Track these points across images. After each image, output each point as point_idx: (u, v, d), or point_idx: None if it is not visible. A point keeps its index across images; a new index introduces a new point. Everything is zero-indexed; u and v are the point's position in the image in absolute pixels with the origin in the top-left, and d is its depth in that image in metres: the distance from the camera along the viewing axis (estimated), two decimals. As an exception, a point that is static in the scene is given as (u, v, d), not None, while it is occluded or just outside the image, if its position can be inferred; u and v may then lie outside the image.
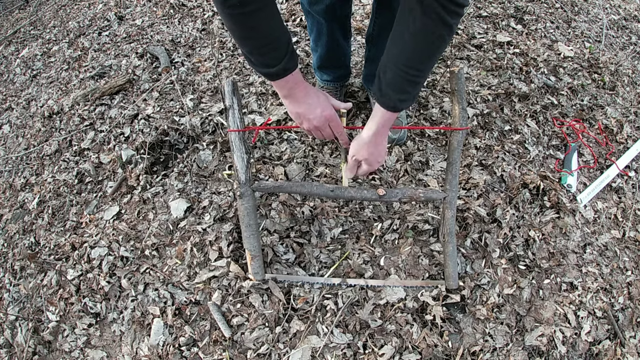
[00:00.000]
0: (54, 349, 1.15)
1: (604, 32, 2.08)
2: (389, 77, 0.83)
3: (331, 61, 1.36)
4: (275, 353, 1.05)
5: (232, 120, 1.02)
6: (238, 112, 1.02)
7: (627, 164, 1.51)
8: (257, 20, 0.75)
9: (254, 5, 0.73)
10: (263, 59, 0.82)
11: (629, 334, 1.15)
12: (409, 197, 1.07)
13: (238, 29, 0.77)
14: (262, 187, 1.05)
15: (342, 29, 1.23)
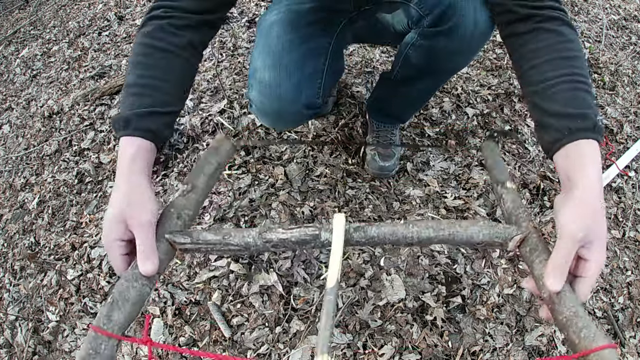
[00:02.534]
0: (54, 349, 1.15)
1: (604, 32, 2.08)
2: (567, 94, 0.61)
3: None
4: (275, 353, 1.05)
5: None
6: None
7: (627, 164, 1.51)
8: (159, 61, 0.67)
9: (164, 44, 0.67)
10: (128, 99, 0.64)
11: (629, 334, 1.15)
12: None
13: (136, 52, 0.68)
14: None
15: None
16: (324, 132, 1.46)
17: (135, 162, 0.60)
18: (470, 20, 0.85)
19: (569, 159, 0.58)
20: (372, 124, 1.37)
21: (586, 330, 0.49)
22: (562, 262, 0.51)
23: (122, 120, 0.61)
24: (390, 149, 1.31)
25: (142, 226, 0.56)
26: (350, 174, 1.36)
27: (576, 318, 0.50)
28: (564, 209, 0.55)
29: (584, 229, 0.52)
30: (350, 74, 1.69)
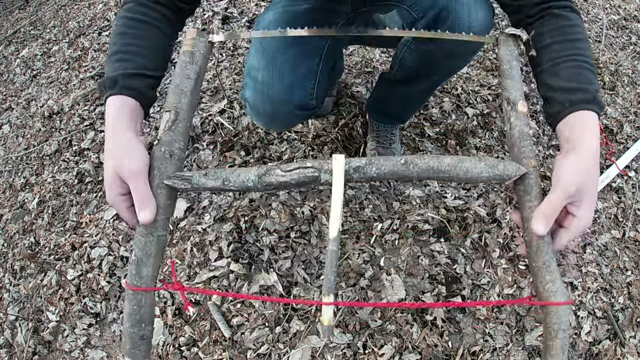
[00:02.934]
0: (54, 349, 1.15)
1: (604, 32, 2.08)
2: (570, 71, 0.65)
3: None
4: (275, 353, 1.05)
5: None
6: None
7: (627, 164, 1.51)
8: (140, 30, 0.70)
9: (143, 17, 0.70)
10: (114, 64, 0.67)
11: (629, 334, 1.15)
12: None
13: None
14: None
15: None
16: (324, 132, 1.46)
17: (119, 118, 0.62)
18: (464, 23, 0.84)
19: (569, 127, 0.62)
20: (372, 124, 1.37)
21: (551, 284, 0.55)
22: (551, 212, 0.55)
23: (109, 81, 0.64)
24: (390, 149, 1.31)
25: (133, 175, 0.58)
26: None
27: (545, 270, 0.55)
28: (561, 165, 0.58)
29: (577, 184, 0.55)
30: (350, 74, 1.69)
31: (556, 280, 0.55)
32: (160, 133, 0.63)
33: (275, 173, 0.59)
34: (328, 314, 0.55)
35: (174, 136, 0.63)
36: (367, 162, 0.59)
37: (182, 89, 0.66)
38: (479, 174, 0.59)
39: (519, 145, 0.63)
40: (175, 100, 0.65)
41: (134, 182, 0.58)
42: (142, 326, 0.58)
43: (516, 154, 0.63)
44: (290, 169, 0.59)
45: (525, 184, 0.60)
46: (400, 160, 0.59)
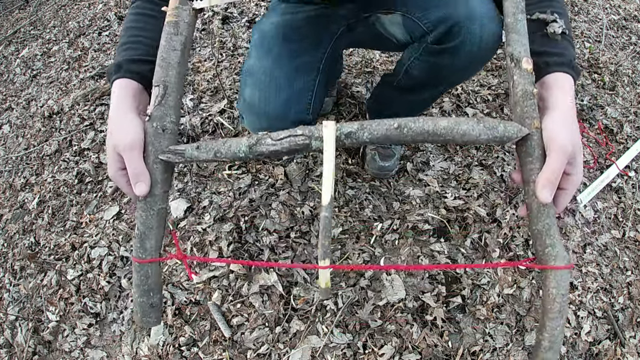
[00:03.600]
0: (54, 349, 1.15)
1: (604, 32, 2.08)
2: (547, 37, 0.66)
3: None
4: (275, 353, 1.05)
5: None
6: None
7: (627, 164, 1.51)
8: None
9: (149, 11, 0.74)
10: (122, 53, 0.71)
11: (629, 334, 1.15)
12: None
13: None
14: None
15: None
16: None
17: (121, 98, 0.65)
18: (476, 37, 0.83)
19: (545, 87, 0.63)
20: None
21: (551, 248, 0.55)
22: (554, 177, 0.56)
23: (114, 66, 0.68)
24: (390, 149, 1.31)
25: (126, 148, 0.60)
26: (350, 174, 1.36)
27: (546, 234, 0.55)
28: (551, 124, 0.58)
29: (573, 143, 0.57)
30: (350, 74, 1.69)
31: (556, 244, 0.55)
32: (151, 109, 0.63)
33: (266, 142, 0.58)
34: (325, 277, 0.56)
35: (165, 110, 0.63)
36: (359, 127, 0.57)
37: (169, 61, 0.64)
38: (478, 136, 0.57)
39: (522, 105, 0.60)
40: (162, 74, 0.64)
41: (128, 156, 0.60)
42: (150, 295, 0.62)
43: (519, 114, 0.60)
44: (280, 137, 0.58)
45: (528, 145, 0.59)
46: (394, 124, 0.57)
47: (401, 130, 0.57)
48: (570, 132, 0.58)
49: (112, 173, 0.63)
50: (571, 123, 0.59)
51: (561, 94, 0.61)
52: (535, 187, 0.57)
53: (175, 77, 0.64)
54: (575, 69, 0.64)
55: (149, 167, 0.61)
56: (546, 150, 0.58)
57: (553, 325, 0.55)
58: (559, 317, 0.55)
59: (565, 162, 0.56)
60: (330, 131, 0.56)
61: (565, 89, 0.62)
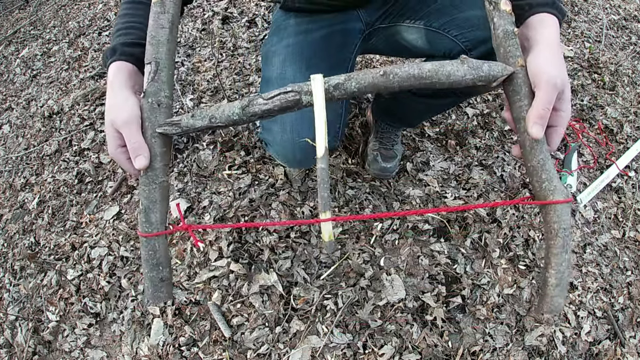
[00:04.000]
0: (54, 349, 1.15)
1: (604, 32, 2.08)
2: None
3: None
4: (275, 353, 1.05)
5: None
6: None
7: (627, 164, 1.51)
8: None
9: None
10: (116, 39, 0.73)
11: (629, 334, 1.15)
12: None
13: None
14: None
15: None
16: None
17: (117, 78, 0.67)
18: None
19: (530, 27, 0.63)
20: (377, 124, 1.34)
21: (547, 183, 0.55)
22: (544, 111, 0.55)
23: (110, 50, 0.70)
24: (392, 150, 1.31)
25: (125, 124, 0.61)
26: (350, 174, 1.36)
27: (541, 169, 0.56)
28: (536, 62, 0.58)
29: (561, 76, 0.56)
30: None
31: (553, 179, 0.55)
32: (145, 85, 0.64)
33: (258, 102, 0.59)
34: (328, 229, 0.57)
35: (159, 85, 0.64)
36: (346, 78, 0.58)
37: (159, 39, 0.66)
38: (463, 76, 0.57)
39: (504, 45, 0.61)
40: (153, 51, 0.65)
41: (126, 131, 0.61)
42: (160, 269, 0.63)
43: (502, 55, 0.61)
44: (271, 96, 0.59)
45: (514, 83, 0.59)
46: (379, 72, 0.57)
47: (387, 77, 0.57)
48: (557, 65, 0.57)
49: (111, 150, 0.64)
50: (558, 57, 0.58)
51: (546, 31, 0.60)
52: (527, 124, 0.57)
53: (165, 54, 0.66)
54: (560, 9, 0.63)
55: (147, 142, 0.62)
56: (533, 86, 0.58)
57: (558, 260, 0.55)
58: (564, 252, 0.54)
59: (555, 95, 0.56)
60: (319, 84, 0.57)
61: (550, 27, 0.61)
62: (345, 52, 1.00)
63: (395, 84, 0.57)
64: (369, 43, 1.06)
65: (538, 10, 0.63)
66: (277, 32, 1.01)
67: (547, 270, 0.56)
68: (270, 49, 0.99)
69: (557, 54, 0.59)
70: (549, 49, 0.59)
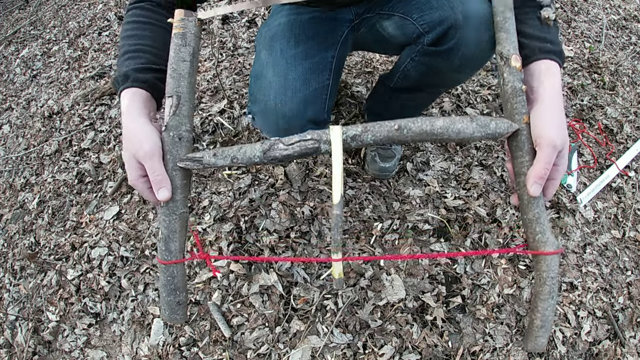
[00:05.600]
0: (54, 349, 1.15)
1: (604, 32, 2.08)
2: (537, 23, 0.68)
3: None
4: (275, 353, 1.05)
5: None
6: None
7: (627, 164, 1.51)
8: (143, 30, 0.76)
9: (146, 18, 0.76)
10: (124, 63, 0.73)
11: (629, 334, 1.15)
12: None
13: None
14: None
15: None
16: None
17: (132, 106, 0.67)
18: (472, 41, 0.83)
19: (536, 74, 0.66)
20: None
21: (541, 235, 0.59)
22: (544, 171, 0.59)
23: (122, 76, 0.69)
24: (390, 150, 1.31)
25: (147, 156, 0.63)
26: (350, 174, 1.36)
27: (536, 222, 0.60)
28: (540, 120, 0.61)
29: (561, 137, 0.60)
30: (350, 74, 1.69)
31: (546, 232, 0.59)
32: (167, 119, 0.66)
33: (279, 147, 0.62)
34: (338, 268, 0.62)
35: (180, 119, 0.66)
36: (362, 129, 0.61)
37: (180, 72, 0.67)
38: (472, 133, 0.61)
39: (512, 102, 0.64)
40: (174, 84, 0.66)
41: (149, 163, 0.63)
42: (177, 294, 0.66)
43: (509, 110, 0.64)
44: (292, 142, 0.62)
45: (518, 140, 0.62)
46: (394, 125, 0.61)
47: (401, 131, 0.61)
48: (557, 126, 0.60)
49: (132, 180, 0.65)
50: (558, 115, 0.61)
51: (550, 84, 0.63)
52: (527, 182, 0.61)
53: (187, 87, 0.67)
54: (562, 56, 0.67)
55: (168, 174, 0.64)
56: (535, 145, 0.61)
57: (544, 305, 0.60)
58: (550, 298, 0.59)
59: (555, 156, 0.59)
60: (337, 134, 0.61)
61: (553, 78, 0.64)
62: (334, 34, 1.03)
63: (409, 138, 0.61)
64: (359, 34, 1.08)
65: (545, 57, 0.65)
66: (272, 15, 1.07)
67: (534, 312, 0.61)
68: (263, 28, 1.05)
69: (558, 110, 0.62)
70: (551, 105, 0.61)
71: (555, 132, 0.59)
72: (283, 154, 0.62)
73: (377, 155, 1.30)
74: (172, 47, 0.68)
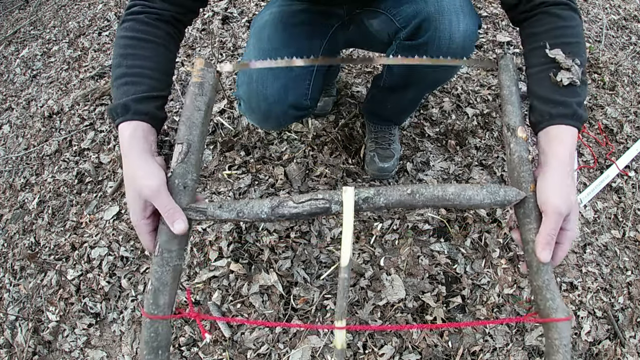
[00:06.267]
0: (54, 349, 1.15)
1: (604, 32, 2.08)
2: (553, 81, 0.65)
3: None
4: (275, 353, 1.05)
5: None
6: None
7: (627, 164, 1.51)
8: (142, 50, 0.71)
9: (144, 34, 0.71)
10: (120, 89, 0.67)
11: (629, 334, 1.15)
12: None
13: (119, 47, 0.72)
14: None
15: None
16: (324, 132, 1.46)
17: (134, 142, 0.63)
18: (445, 34, 0.83)
19: (547, 139, 0.65)
20: (369, 125, 1.37)
21: (551, 302, 0.58)
22: (551, 238, 0.59)
23: (121, 107, 0.64)
24: (389, 150, 1.31)
25: (154, 193, 0.59)
26: (350, 174, 1.36)
27: (546, 289, 0.59)
28: (545, 187, 0.61)
29: (566, 203, 0.59)
30: (350, 74, 1.69)
31: (556, 298, 0.58)
32: (174, 165, 0.64)
33: (288, 205, 0.60)
34: (341, 338, 0.56)
35: (187, 168, 0.64)
36: (375, 192, 0.61)
37: (193, 121, 0.66)
38: (482, 200, 0.61)
39: (519, 170, 0.65)
40: (186, 132, 0.65)
41: (157, 200, 0.60)
42: (158, 353, 0.60)
43: (516, 179, 0.65)
44: (302, 200, 0.60)
45: (525, 207, 0.63)
46: (407, 190, 0.61)
47: (413, 195, 0.61)
48: (562, 192, 0.59)
49: (135, 221, 0.62)
50: (564, 181, 0.60)
51: (560, 150, 0.62)
52: (535, 249, 0.60)
53: (198, 137, 0.66)
54: (579, 117, 0.63)
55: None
56: (542, 212, 0.61)
57: None
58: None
59: (560, 222, 0.59)
60: (350, 196, 0.60)
61: (565, 143, 0.62)
62: (323, 26, 1.04)
63: (420, 203, 0.61)
64: (349, 31, 1.09)
65: (557, 122, 0.63)
66: (266, 7, 1.09)
67: None
68: (256, 18, 1.07)
69: (564, 177, 0.61)
70: (558, 172, 0.61)
71: (561, 199, 0.59)
72: (292, 211, 0.60)
73: (376, 155, 1.30)
74: (189, 94, 0.68)
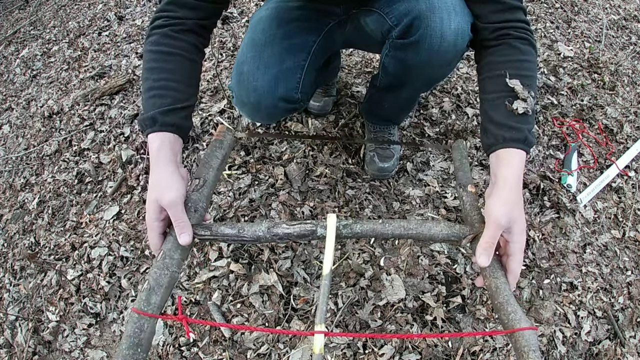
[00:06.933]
0: (54, 349, 1.15)
1: (603, 32, 2.08)
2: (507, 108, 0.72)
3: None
4: (275, 353, 1.05)
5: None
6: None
7: (627, 164, 1.51)
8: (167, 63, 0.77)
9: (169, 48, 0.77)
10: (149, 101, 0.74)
11: (629, 334, 1.15)
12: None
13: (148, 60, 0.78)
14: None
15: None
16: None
17: (161, 152, 0.71)
18: (437, 32, 0.83)
19: (497, 162, 0.72)
20: (368, 125, 1.37)
21: (514, 314, 0.62)
22: (489, 244, 0.65)
23: (149, 119, 0.71)
24: (389, 150, 1.31)
25: (171, 204, 0.67)
26: (350, 174, 1.36)
27: (507, 304, 0.64)
28: (490, 203, 0.67)
29: (505, 215, 0.64)
30: (350, 74, 1.69)
31: (517, 311, 0.63)
32: (189, 192, 0.76)
33: (282, 226, 0.72)
34: (319, 342, 0.58)
35: (200, 197, 0.77)
36: (353, 221, 0.73)
37: (211, 164, 0.83)
38: (440, 231, 0.72)
39: (471, 215, 0.76)
40: (204, 171, 0.80)
41: (172, 210, 0.68)
42: (137, 350, 0.60)
43: (469, 222, 0.75)
44: (294, 224, 0.72)
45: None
46: (379, 221, 0.73)
47: (384, 225, 0.72)
48: (507, 208, 0.65)
49: (149, 221, 0.69)
50: (510, 199, 0.66)
51: (508, 172, 0.69)
52: (475, 255, 0.66)
53: (212, 177, 0.81)
54: (530, 142, 0.71)
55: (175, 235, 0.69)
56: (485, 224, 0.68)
57: None
58: None
59: (499, 232, 0.65)
60: (332, 222, 0.71)
61: (513, 166, 0.69)
62: (319, 23, 1.05)
63: (389, 232, 0.72)
64: (346, 31, 1.09)
65: (509, 145, 0.70)
66: (264, 3, 1.10)
67: None
68: (255, 13, 1.09)
69: (509, 193, 0.67)
70: (504, 190, 0.67)
71: (500, 212, 0.65)
72: (285, 231, 0.71)
73: (376, 155, 1.30)
74: (210, 146, 0.86)
